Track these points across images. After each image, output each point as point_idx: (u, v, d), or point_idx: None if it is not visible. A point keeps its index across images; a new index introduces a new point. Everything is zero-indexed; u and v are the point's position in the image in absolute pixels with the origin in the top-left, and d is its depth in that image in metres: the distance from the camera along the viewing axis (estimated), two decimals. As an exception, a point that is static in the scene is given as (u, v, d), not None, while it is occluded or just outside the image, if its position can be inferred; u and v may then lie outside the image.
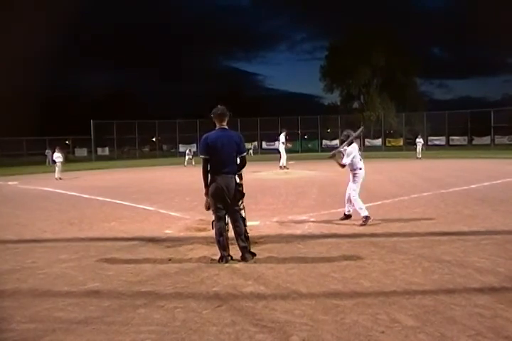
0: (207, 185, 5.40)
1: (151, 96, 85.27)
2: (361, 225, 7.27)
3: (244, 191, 5.46)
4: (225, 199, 5.29)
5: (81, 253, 6.05)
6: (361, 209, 7.44)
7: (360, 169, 7.59)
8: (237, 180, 5.39)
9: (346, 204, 7.80)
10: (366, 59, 53.50)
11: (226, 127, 5.42)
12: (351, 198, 7.57)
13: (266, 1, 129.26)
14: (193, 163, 27.15)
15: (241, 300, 4.03)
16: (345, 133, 7.89)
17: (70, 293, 4.40)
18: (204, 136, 5.41)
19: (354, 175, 7.59)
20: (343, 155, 7.55)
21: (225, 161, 5.27)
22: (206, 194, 5.43)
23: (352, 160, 7.47)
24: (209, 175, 5.38)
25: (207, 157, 5.32)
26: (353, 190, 7.56)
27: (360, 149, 7.96)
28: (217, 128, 5.43)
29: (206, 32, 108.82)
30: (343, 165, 7.51)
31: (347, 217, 7.81)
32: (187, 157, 28.22)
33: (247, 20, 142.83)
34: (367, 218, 7.36)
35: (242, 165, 5.47)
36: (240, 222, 5.42)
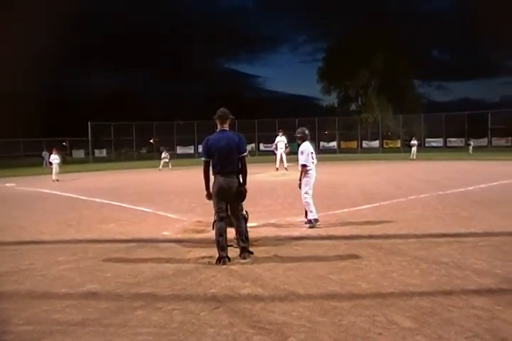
0: (208, 188, 5.50)
1: (150, 97, 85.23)
2: (310, 227, 7.33)
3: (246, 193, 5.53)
4: (228, 199, 5.42)
5: (79, 255, 6.04)
6: (311, 212, 7.44)
7: (311, 170, 7.58)
8: (240, 180, 5.48)
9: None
10: (364, 61, 53.55)
11: (227, 129, 5.54)
12: (303, 200, 7.54)
13: (270, 3, 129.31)
14: (170, 166, 26.53)
15: (238, 301, 4.04)
16: (299, 130, 7.93)
17: (68, 295, 4.39)
18: (205, 139, 5.55)
19: (305, 176, 7.56)
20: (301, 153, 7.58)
21: (226, 162, 5.38)
22: (208, 196, 5.51)
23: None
24: (212, 176, 5.48)
25: (207, 159, 5.46)
26: (304, 192, 7.53)
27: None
28: (218, 130, 5.55)
29: (208, 33, 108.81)
30: (304, 166, 7.49)
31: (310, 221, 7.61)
32: (162, 160, 26.64)
33: (251, 22, 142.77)
34: (316, 220, 7.44)
35: (244, 167, 5.48)
36: (241, 222, 5.55)
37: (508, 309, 3.67)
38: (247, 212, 5.80)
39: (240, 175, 5.50)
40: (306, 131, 7.88)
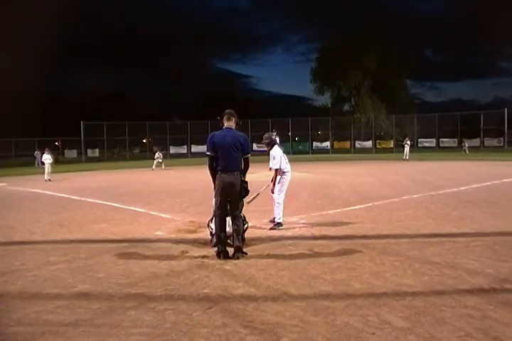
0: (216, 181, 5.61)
1: (143, 97, 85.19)
2: (271, 229, 7.29)
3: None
4: (231, 196, 5.52)
5: (71, 255, 6.00)
6: (278, 214, 7.38)
7: (288, 172, 7.51)
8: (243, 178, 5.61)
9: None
10: (357, 61, 53.76)
11: (232, 127, 5.65)
12: (274, 201, 7.43)
13: (263, 3, 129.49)
14: (163, 166, 26.65)
15: (232, 301, 4.02)
16: (267, 135, 7.74)
17: (60, 296, 4.35)
18: (210, 134, 5.64)
19: (281, 180, 7.44)
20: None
21: (230, 159, 5.47)
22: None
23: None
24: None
25: (212, 154, 5.53)
26: (277, 193, 7.43)
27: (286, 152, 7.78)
28: (224, 127, 5.65)
29: (202, 33, 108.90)
30: (277, 169, 7.34)
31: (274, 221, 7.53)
32: (155, 160, 26.63)
33: (244, 23, 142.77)
34: (279, 224, 7.36)
35: (246, 167, 5.68)
36: (239, 221, 5.65)
37: (499, 308, 3.69)
38: (244, 216, 5.88)
39: (241, 174, 5.62)
40: (273, 136, 7.68)
